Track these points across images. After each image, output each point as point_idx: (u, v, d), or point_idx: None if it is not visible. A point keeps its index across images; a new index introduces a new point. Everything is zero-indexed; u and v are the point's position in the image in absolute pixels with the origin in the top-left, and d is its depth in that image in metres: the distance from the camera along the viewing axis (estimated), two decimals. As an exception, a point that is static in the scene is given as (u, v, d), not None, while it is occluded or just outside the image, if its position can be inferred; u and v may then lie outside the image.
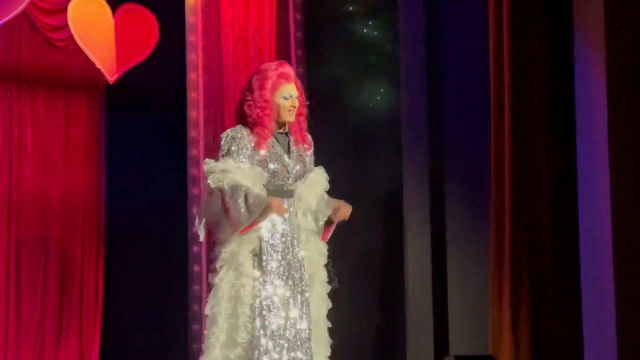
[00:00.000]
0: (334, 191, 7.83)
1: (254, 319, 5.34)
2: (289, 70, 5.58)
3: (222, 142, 5.45)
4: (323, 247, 5.74)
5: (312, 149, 5.68)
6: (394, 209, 7.68)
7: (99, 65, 7.82)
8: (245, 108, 5.47)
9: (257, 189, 5.37)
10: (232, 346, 5.35)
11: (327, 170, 5.71)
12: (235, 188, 5.30)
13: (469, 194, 7.26)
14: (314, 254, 5.65)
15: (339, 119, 8.04)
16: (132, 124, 8.29)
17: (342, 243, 7.82)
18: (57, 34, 8.12)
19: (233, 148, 5.41)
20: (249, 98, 5.49)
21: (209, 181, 5.34)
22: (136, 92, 8.18)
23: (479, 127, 6.98)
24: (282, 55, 7.80)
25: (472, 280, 7.19)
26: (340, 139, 8.02)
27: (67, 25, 7.74)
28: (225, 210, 5.32)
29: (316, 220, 5.68)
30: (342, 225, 7.87)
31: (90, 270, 8.21)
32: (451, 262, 7.39)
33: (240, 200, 5.28)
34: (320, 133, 7.94)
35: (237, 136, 5.44)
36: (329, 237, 5.77)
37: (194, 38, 7.65)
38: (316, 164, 5.74)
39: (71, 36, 7.77)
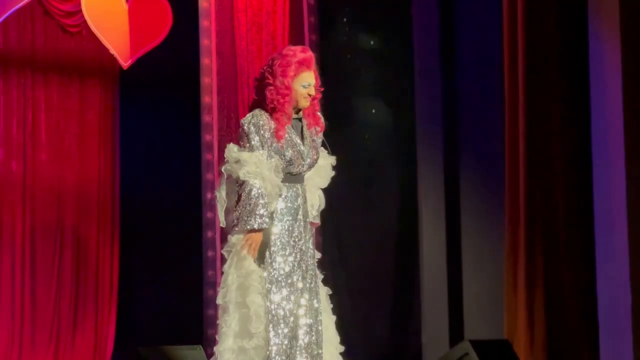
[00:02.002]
0: (347, 176, 7.85)
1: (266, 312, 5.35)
2: (311, 57, 5.57)
3: (245, 129, 5.43)
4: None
5: (323, 131, 5.67)
6: (409, 197, 7.68)
7: (112, 51, 7.81)
8: (267, 92, 5.46)
9: (275, 200, 5.39)
10: (246, 337, 5.34)
11: (339, 151, 5.68)
12: (260, 195, 5.32)
13: (483, 180, 7.25)
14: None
15: (352, 104, 8.03)
16: (146, 110, 8.29)
17: (358, 229, 7.84)
18: (70, 19, 8.11)
19: (256, 135, 5.41)
20: (271, 82, 5.48)
21: (241, 174, 5.34)
22: (150, 78, 8.18)
23: (494, 116, 6.96)
24: (296, 40, 7.79)
25: (487, 266, 7.19)
26: (352, 123, 8.01)
27: (80, 10, 7.73)
28: (237, 202, 5.35)
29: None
30: (360, 212, 7.89)
31: (105, 256, 8.22)
32: (466, 247, 7.39)
33: (257, 207, 5.32)
34: (333, 119, 7.97)
35: (260, 124, 5.44)
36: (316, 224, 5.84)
37: (207, 23, 7.64)
38: (329, 143, 5.74)
39: (85, 22, 7.76)
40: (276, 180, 5.40)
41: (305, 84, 5.46)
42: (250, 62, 7.58)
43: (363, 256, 7.84)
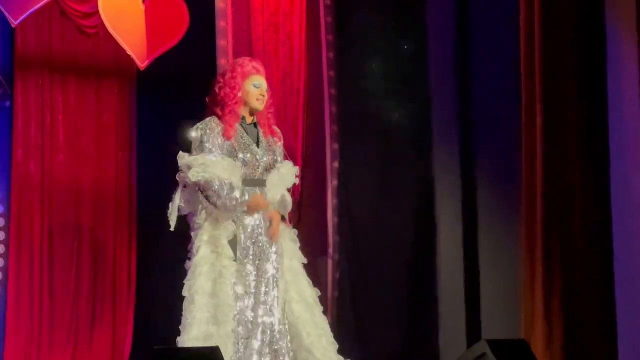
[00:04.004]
0: (362, 177, 7.84)
1: (235, 300, 5.50)
2: (260, 65, 5.94)
3: (194, 134, 5.69)
4: (290, 230, 5.97)
5: (282, 142, 5.88)
6: (425, 196, 7.67)
7: (129, 52, 7.83)
8: (216, 89, 5.74)
9: (238, 182, 5.63)
10: (216, 324, 5.48)
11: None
12: (220, 183, 5.57)
13: (500, 181, 7.23)
14: (282, 235, 5.85)
15: (367, 103, 8.03)
16: (163, 110, 8.31)
17: (374, 231, 7.83)
18: (87, 20, 8.14)
19: (205, 139, 5.62)
20: (220, 80, 5.84)
21: (190, 175, 5.55)
22: (167, 79, 8.20)
23: (510, 113, 6.95)
24: (313, 40, 7.79)
25: (503, 265, 7.17)
26: (367, 123, 8.01)
27: (97, 12, 7.76)
28: (208, 200, 5.60)
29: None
30: (375, 214, 7.88)
31: (123, 256, 8.25)
32: (483, 246, 7.37)
33: (226, 194, 5.55)
34: (348, 118, 7.97)
35: (208, 128, 5.66)
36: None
37: (224, 24, 7.65)
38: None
39: (102, 23, 7.79)
40: (230, 171, 5.59)
41: (257, 83, 5.77)
42: (267, 62, 7.58)
43: (379, 258, 7.84)
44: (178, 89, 8.26)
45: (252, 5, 7.69)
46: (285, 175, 5.92)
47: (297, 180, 6.04)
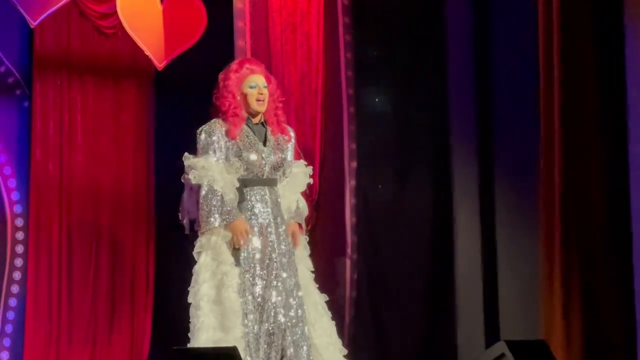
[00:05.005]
0: (380, 176, 7.83)
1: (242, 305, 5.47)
2: (254, 64, 5.91)
3: (198, 137, 5.69)
4: (302, 239, 5.91)
5: (293, 140, 5.83)
6: (443, 195, 7.66)
7: (147, 52, 7.84)
8: (214, 100, 5.71)
9: (232, 194, 5.57)
10: (223, 331, 5.46)
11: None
12: (211, 191, 5.56)
13: (519, 179, 7.22)
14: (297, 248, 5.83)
15: (384, 102, 8.02)
16: (181, 111, 8.31)
17: (392, 230, 7.82)
18: (106, 21, 8.16)
19: (209, 141, 5.61)
20: (216, 91, 5.83)
21: (190, 177, 5.55)
22: (185, 79, 8.20)
23: (529, 109, 6.93)
24: (330, 40, 7.79)
25: (522, 265, 7.15)
26: (384, 122, 8.01)
27: (116, 12, 7.77)
28: (198, 207, 5.58)
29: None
30: (392, 208, 7.87)
31: (141, 256, 8.27)
32: (501, 246, 7.36)
33: (213, 206, 5.54)
34: (366, 117, 7.96)
35: (211, 130, 5.66)
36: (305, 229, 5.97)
37: (242, 24, 7.65)
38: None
39: (120, 23, 7.80)
40: (228, 178, 5.55)
41: (253, 84, 5.73)
42: (285, 62, 7.58)
43: (397, 257, 7.83)
44: (196, 89, 8.23)
45: (270, 6, 7.68)
46: (297, 179, 5.88)
47: (310, 180, 6.00)
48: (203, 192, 5.58)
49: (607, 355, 6.34)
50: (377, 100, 8.06)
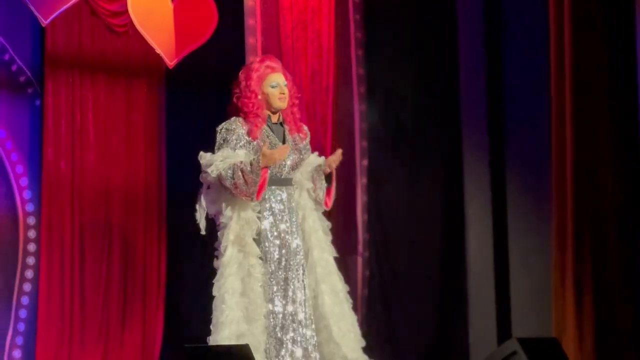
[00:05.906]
0: (392, 169, 7.82)
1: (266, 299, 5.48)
2: (274, 62, 5.86)
3: (218, 135, 5.68)
4: (324, 222, 5.89)
5: (308, 138, 5.83)
6: (455, 193, 7.66)
7: (158, 50, 7.84)
8: (235, 100, 5.68)
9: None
10: (248, 322, 5.48)
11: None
12: (231, 167, 5.52)
13: (530, 175, 7.21)
14: (314, 227, 5.76)
15: (397, 99, 8.02)
16: (192, 109, 8.32)
17: (403, 228, 7.82)
18: (117, 19, 8.16)
19: (229, 138, 5.60)
20: (237, 91, 5.79)
21: (210, 170, 5.53)
22: (196, 77, 8.20)
23: (540, 107, 6.92)
24: (341, 38, 7.79)
25: (534, 263, 7.14)
26: (396, 119, 8.00)
27: (127, 11, 7.78)
28: (235, 188, 5.50)
29: (312, 197, 5.77)
30: (403, 206, 7.86)
31: (153, 255, 8.27)
32: (513, 244, 7.35)
33: (240, 174, 5.49)
34: (378, 113, 7.96)
35: (232, 127, 5.68)
36: (332, 201, 5.88)
37: (252, 22, 7.65)
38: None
39: (131, 22, 7.80)
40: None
41: (274, 83, 5.70)
42: (296, 60, 7.58)
43: (408, 255, 7.83)
44: (207, 87, 8.26)
45: (281, 3, 7.68)
46: (308, 162, 5.87)
47: (322, 160, 5.96)
48: (230, 172, 5.54)
49: (619, 353, 6.33)
50: (388, 98, 8.05)
